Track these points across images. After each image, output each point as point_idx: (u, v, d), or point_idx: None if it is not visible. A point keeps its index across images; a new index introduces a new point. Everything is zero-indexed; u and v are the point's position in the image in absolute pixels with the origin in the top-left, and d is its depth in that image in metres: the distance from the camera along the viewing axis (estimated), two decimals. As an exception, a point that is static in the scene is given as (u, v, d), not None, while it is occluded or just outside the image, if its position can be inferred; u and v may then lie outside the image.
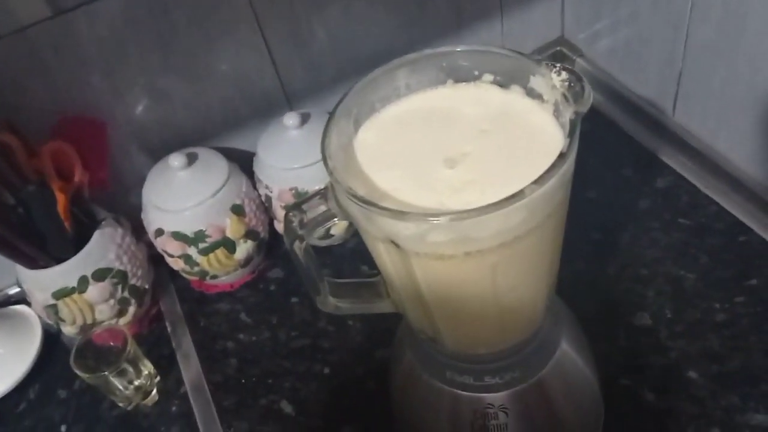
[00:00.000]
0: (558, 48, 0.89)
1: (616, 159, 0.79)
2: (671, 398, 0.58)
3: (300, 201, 0.42)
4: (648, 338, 0.63)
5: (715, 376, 0.59)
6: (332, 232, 0.74)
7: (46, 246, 0.64)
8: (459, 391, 0.50)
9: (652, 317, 0.64)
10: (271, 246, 0.77)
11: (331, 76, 0.78)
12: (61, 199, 0.63)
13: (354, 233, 0.76)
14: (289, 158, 0.69)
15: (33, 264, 0.64)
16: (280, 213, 0.73)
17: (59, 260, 0.64)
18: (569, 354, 0.53)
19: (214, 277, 0.73)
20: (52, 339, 0.74)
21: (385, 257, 0.41)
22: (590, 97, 0.38)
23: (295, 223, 0.42)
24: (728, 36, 0.65)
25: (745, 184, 0.71)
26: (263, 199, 0.73)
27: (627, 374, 0.60)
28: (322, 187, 0.42)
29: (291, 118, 0.69)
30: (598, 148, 0.78)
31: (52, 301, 0.65)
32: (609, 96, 0.83)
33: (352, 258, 0.76)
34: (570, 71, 0.39)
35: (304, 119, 0.70)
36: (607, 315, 0.65)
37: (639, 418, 0.57)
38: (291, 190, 0.70)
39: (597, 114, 0.82)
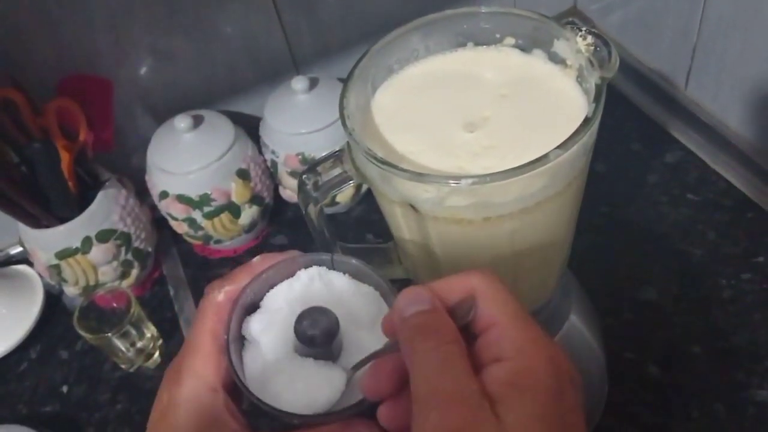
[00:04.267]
0: (570, 19, 0.88)
1: (625, 132, 0.78)
2: (675, 373, 0.58)
3: (315, 163, 0.41)
4: (653, 313, 0.63)
5: (720, 352, 0.59)
6: (338, 199, 0.73)
7: (49, 205, 0.63)
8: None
9: (658, 292, 0.64)
10: (275, 212, 0.76)
11: (339, 41, 0.77)
12: (65, 158, 0.62)
13: (360, 201, 0.76)
14: (296, 123, 0.69)
15: (36, 223, 0.63)
16: (285, 178, 0.72)
17: (63, 220, 0.63)
18: (577, 326, 0.53)
19: (218, 241, 0.72)
20: (53, 299, 0.74)
21: (401, 221, 0.40)
22: (617, 62, 0.37)
23: (310, 186, 0.41)
24: (746, 10, 0.64)
25: (755, 160, 0.70)
26: (269, 164, 0.73)
27: (632, 348, 0.60)
28: (331, 152, 0.41)
29: (299, 82, 0.68)
30: (607, 121, 0.76)
31: (55, 262, 0.65)
32: (621, 69, 0.81)
33: (358, 226, 0.75)
34: (596, 35, 0.38)
35: (313, 84, 0.69)
36: (614, 289, 0.64)
37: (643, 391, 0.58)
38: (297, 155, 0.69)
39: (607, 86, 0.81)
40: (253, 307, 0.38)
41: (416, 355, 0.28)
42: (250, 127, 0.72)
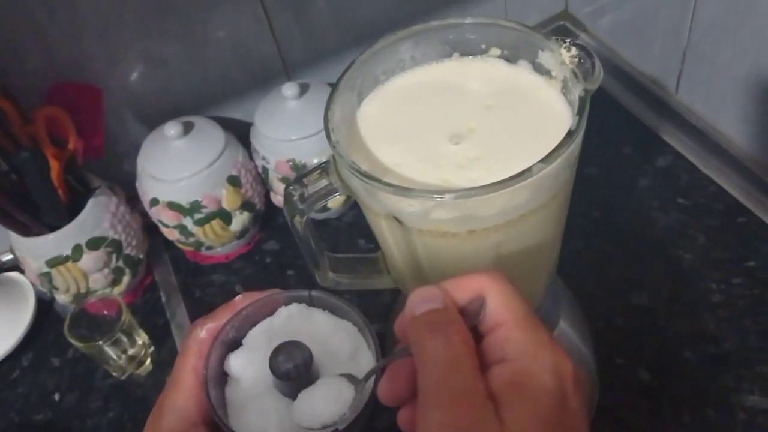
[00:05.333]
0: (561, 22, 0.88)
1: (616, 136, 0.78)
2: (666, 378, 0.58)
3: (301, 175, 0.41)
4: (644, 318, 0.63)
5: (711, 357, 0.59)
6: (329, 205, 0.73)
7: (39, 214, 0.63)
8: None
9: (648, 297, 0.64)
10: (266, 218, 0.76)
11: (330, 46, 0.77)
12: (54, 166, 0.62)
13: (351, 206, 0.75)
14: (286, 129, 0.68)
15: (26, 232, 0.63)
16: (276, 184, 0.72)
17: (53, 228, 0.63)
18: (567, 333, 0.53)
19: (210, 248, 0.72)
20: (45, 307, 0.74)
21: (386, 233, 0.40)
22: (601, 74, 0.37)
23: (296, 197, 0.41)
24: (737, 13, 0.64)
25: (745, 165, 0.70)
26: (260, 170, 0.72)
27: (623, 353, 0.60)
28: (320, 158, 0.42)
29: (290, 89, 0.68)
30: (598, 125, 0.76)
31: (46, 270, 0.65)
32: (611, 72, 0.83)
33: (349, 232, 0.75)
34: (580, 47, 0.38)
35: (303, 90, 0.69)
36: (604, 294, 0.65)
37: (634, 397, 0.58)
38: (288, 161, 0.69)
39: (598, 90, 0.80)
40: (235, 345, 0.39)
41: (425, 351, 0.29)
42: (240, 133, 0.72)
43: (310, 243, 0.45)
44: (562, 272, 0.54)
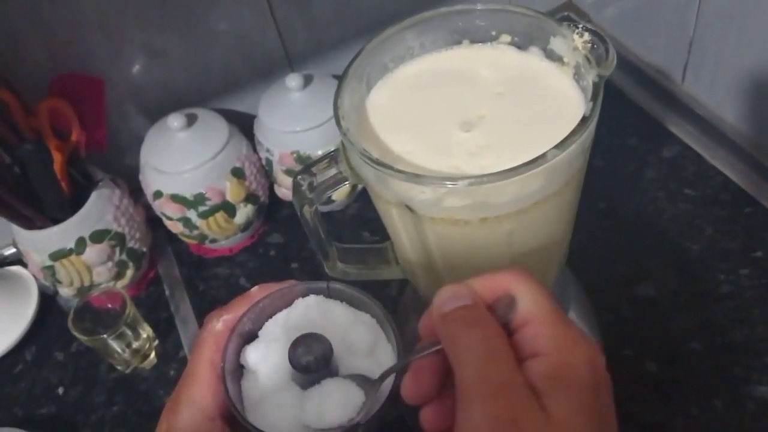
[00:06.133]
0: (565, 13, 0.87)
1: (622, 127, 0.78)
2: (674, 369, 0.58)
3: (309, 164, 0.41)
4: (652, 309, 0.62)
5: (718, 348, 0.59)
6: (334, 197, 0.72)
7: (42, 206, 0.62)
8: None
9: (655, 288, 0.64)
10: (270, 210, 0.76)
11: (334, 37, 0.76)
12: (57, 159, 0.61)
13: (355, 198, 0.75)
14: (290, 121, 0.68)
15: (29, 224, 0.63)
16: (280, 177, 0.71)
17: (56, 221, 0.63)
18: (575, 323, 0.53)
19: (214, 241, 0.71)
20: (48, 300, 0.73)
21: (397, 222, 0.40)
22: (614, 59, 0.37)
23: (305, 187, 0.41)
24: (743, 3, 0.64)
25: (752, 155, 0.70)
26: (264, 162, 0.72)
27: (630, 345, 0.60)
28: (325, 150, 0.41)
29: (294, 80, 0.67)
30: (604, 116, 0.76)
31: (49, 263, 0.64)
32: (616, 63, 0.82)
33: (353, 224, 0.75)
34: (593, 32, 0.38)
35: (307, 81, 0.68)
36: (611, 285, 0.64)
37: (641, 388, 0.57)
38: (292, 153, 0.68)
39: (604, 82, 0.81)
40: (252, 337, 0.38)
41: (461, 347, 0.29)
42: (244, 125, 0.72)
43: (320, 233, 0.44)
44: (570, 264, 0.54)
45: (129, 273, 0.69)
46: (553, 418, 0.26)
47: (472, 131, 0.39)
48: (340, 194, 0.72)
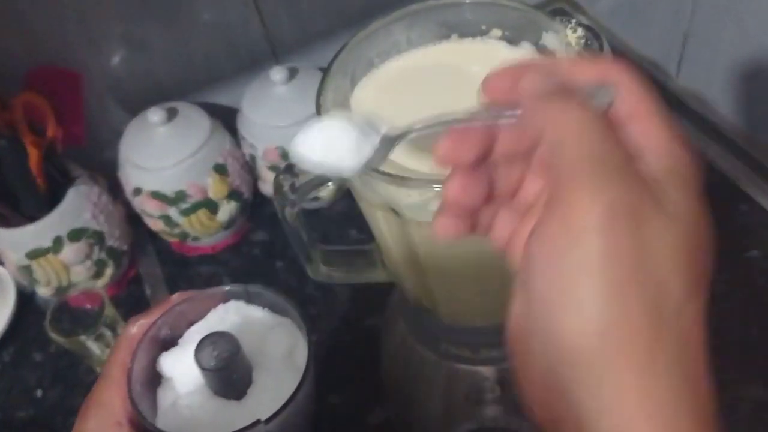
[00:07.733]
0: (559, 5, 0.86)
1: (614, 122, 0.76)
2: (667, 370, 0.57)
3: (291, 163, 0.39)
4: (645, 309, 0.61)
5: (712, 349, 0.57)
6: (320, 194, 0.71)
7: (18, 204, 0.61)
8: (454, 363, 0.48)
9: (649, 287, 0.62)
10: (255, 207, 0.74)
11: (321, 28, 0.74)
12: (33, 155, 0.59)
13: (343, 195, 0.73)
14: (275, 115, 0.66)
15: (5, 222, 0.61)
16: (264, 173, 0.70)
17: (32, 219, 0.61)
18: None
19: (196, 239, 0.70)
20: (26, 300, 0.71)
21: (382, 226, 0.38)
22: (609, 55, 0.35)
23: (286, 188, 0.39)
24: (740, -5, 0.62)
25: (747, 151, 0.69)
26: (247, 158, 0.70)
27: (623, 345, 0.59)
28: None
29: (278, 73, 0.65)
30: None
31: (26, 262, 0.63)
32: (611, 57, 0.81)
33: (341, 221, 0.73)
34: (587, 27, 0.36)
35: (292, 74, 0.67)
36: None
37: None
38: (277, 149, 0.67)
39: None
40: (173, 345, 0.39)
41: (556, 113, 0.25)
42: (227, 119, 0.70)
43: (301, 235, 0.42)
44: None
45: (108, 272, 0.67)
46: (674, 214, 0.24)
47: (460, 130, 0.37)
48: (327, 190, 0.71)
